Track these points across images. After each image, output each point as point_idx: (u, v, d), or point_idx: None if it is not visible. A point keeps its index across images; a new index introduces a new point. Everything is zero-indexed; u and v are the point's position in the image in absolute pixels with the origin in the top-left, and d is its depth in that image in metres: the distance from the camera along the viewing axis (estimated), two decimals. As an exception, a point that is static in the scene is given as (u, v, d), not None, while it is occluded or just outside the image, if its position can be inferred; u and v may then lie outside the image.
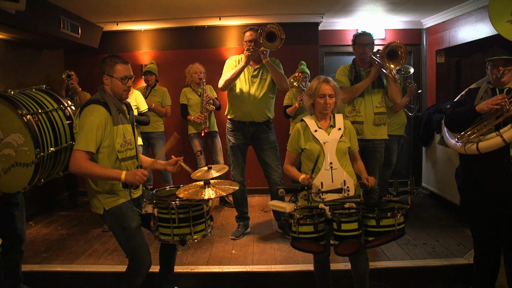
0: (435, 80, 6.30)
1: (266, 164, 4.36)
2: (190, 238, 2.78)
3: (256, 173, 5.78)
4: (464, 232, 4.39)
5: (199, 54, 6.21)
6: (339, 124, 3.03)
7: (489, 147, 2.97)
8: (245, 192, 4.53)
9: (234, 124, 4.35)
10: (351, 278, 3.46)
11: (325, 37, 6.43)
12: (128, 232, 2.82)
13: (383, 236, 2.59)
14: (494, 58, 3.04)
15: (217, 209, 5.63)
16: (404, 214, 2.59)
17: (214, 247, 4.20)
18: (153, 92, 5.54)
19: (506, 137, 2.90)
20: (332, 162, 2.91)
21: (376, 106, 4.00)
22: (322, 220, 2.60)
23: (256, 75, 4.22)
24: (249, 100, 4.20)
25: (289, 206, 2.73)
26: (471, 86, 3.37)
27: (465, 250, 3.93)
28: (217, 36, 6.32)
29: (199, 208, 2.80)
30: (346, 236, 2.56)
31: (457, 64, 6.29)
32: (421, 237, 4.31)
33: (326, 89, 2.95)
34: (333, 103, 2.98)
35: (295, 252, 3.96)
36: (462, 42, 5.51)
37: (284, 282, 3.60)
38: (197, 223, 2.80)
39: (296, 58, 5.79)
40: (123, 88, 2.82)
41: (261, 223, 4.97)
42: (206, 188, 2.76)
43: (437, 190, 5.64)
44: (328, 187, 2.89)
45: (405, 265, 3.66)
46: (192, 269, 3.68)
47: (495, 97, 2.97)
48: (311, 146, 2.98)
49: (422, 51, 6.61)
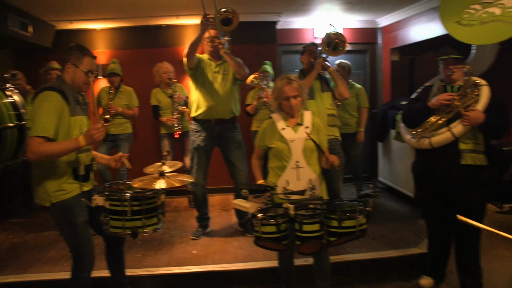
0: (390, 77, 6.48)
1: (233, 164, 4.34)
2: (142, 231, 2.74)
3: (216, 172, 5.76)
4: (418, 223, 4.55)
5: (157, 53, 6.11)
6: (307, 122, 3.03)
7: (441, 141, 3.12)
8: (206, 194, 4.50)
9: (199, 124, 4.28)
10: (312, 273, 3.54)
11: (283, 36, 6.48)
12: (74, 227, 2.73)
13: (345, 237, 2.66)
14: (445, 57, 3.19)
15: (184, 210, 5.57)
16: (367, 215, 2.67)
17: (174, 248, 4.15)
18: (119, 94, 5.32)
19: (456, 131, 3.06)
20: (299, 160, 2.93)
21: (328, 108, 4.06)
22: (285, 220, 2.64)
23: (218, 71, 4.21)
24: (213, 96, 4.16)
25: (253, 206, 2.75)
26: (426, 83, 3.50)
27: (419, 240, 4.07)
28: (176, 35, 6.25)
29: (153, 201, 2.77)
30: (307, 237, 2.61)
31: (410, 62, 6.49)
32: (378, 230, 4.43)
33: (290, 90, 2.95)
34: (299, 103, 2.98)
35: (257, 250, 3.94)
36: (415, 41, 5.71)
37: (246, 280, 3.61)
38: (150, 216, 2.77)
39: (255, 57, 5.79)
40: (85, 81, 2.77)
41: (221, 222, 4.95)
42: (161, 179, 2.76)
43: (393, 184, 5.83)
44: (294, 185, 2.91)
45: (363, 258, 3.75)
46: (152, 271, 3.62)
47: (445, 94, 3.14)
48: (278, 145, 2.98)
49: (377, 50, 6.78)
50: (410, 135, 3.36)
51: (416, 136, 3.27)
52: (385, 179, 6.09)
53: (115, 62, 5.39)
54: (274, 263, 3.44)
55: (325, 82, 4.12)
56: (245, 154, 4.36)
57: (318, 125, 3.08)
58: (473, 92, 3.08)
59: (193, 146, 4.32)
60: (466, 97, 3.09)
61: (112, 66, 5.32)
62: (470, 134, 3.08)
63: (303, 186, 2.91)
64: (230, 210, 5.27)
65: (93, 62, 2.82)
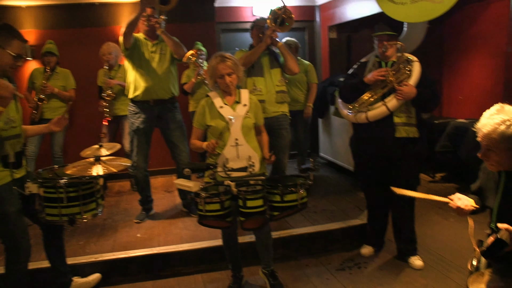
0: (328, 54, 6.60)
1: (174, 145, 4.26)
2: (80, 218, 2.67)
3: (158, 153, 5.65)
4: (358, 196, 4.72)
5: (91, 33, 5.80)
6: (244, 100, 3.05)
7: (376, 115, 3.25)
8: (148, 176, 4.40)
9: (138, 106, 4.15)
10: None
11: (221, 14, 6.36)
12: (6, 217, 2.60)
13: (288, 210, 2.73)
14: (379, 33, 3.30)
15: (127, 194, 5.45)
16: (307, 189, 2.74)
17: (118, 233, 4.06)
18: (55, 75, 5.01)
19: (390, 106, 3.19)
20: (238, 138, 2.94)
21: (276, 84, 4.06)
22: (228, 198, 2.67)
23: (155, 51, 4.08)
24: (151, 76, 4.03)
25: (195, 185, 2.74)
26: (362, 60, 3.60)
27: (359, 212, 4.24)
28: (111, 13, 5.92)
29: (90, 186, 2.69)
30: (251, 212, 2.65)
31: (347, 40, 6.64)
32: (320, 204, 4.56)
33: (223, 68, 2.93)
34: (234, 80, 2.97)
35: (201, 229, 3.97)
36: (352, 18, 5.84)
37: (192, 260, 3.61)
38: (88, 202, 2.69)
39: (192, 36, 5.63)
40: (12, 65, 2.59)
41: (165, 204, 4.89)
42: (96, 164, 2.67)
43: (333, 158, 6.00)
44: (233, 162, 2.92)
45: (307, 231, 3.85)
46: (96, 258, 3.52)
47: (379, 69, 3.25)
48: (217, 123, 2.97)
49: (315, 27, 6.86)
50: (347, 110, 3.47)
51: (353, 111, 3.39)
52: (326, 154, 6.25)
53: (51, 42, 5.09)
54: (219, 242, 3.46)
55: (274, 57, 4.09)
56: (185, 134, 4.30)
57: (255, 103, 3.11)
58: (406, 68, 3.22)
59: (132, 128, 4.19)
60: (399, 72, 3.22)
61: (48, 46, 5.02)
62: (404, 108, 3.23)
63: (242, 163, 2.94)
64: (174, 191, 5.22)
65: (23, 47, 2.64)
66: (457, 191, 2.14)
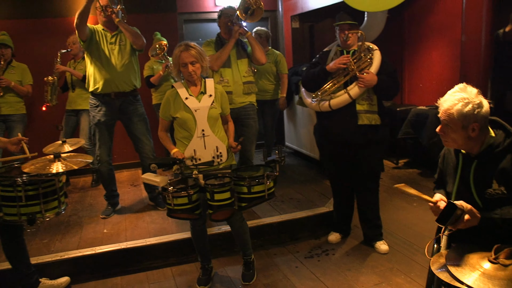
0: (291, 44, 6.63)
1: (137, 138, 4.20)
2: (41, 216, 2.60)
3: (122, 147, 5.57)
4: (324, 184, 4.80)
5: (49, 24, 5.60)
6: (210, 90, 3.02)
7: (339, 103, 3.30)
8: (112, 170, 4.32)
9: (98, 99, 4.05)
10: (225, 240, 3.61)
11: (183, 5, 6.28)
12: None
13: (255, 201, 2.77)
14: (341, 23, 3.35)
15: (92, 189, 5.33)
16: (274, 180, 2.78)
17: (84, 230, 3.98)
18: (11, 69, 4.80)
19: (352, 93, 3.25)
20: (204, 129, 2.94)
21: (243, 75, 4.03)
22: (196, 191, 2.69)
23: (114, 42, 3.98)
24: (111, 69, 3.94)
25: (163, 180, 2.72)
26: (324, 49, 3.63)
27: (326, 199, 4.31)
28: (69, 3, 5.69)
29: (51, 184, 2.61)
30: (219, 205, 2.68)
31: (310, 29, 6.69)
32: (287, 193, 4.61)
33: (186, 57, 2.90)
34: (197, 69, 2.94)
35: (169, 223, 3.96)
36: (314, 8, 5.88)
37: (161, 253, 3.58)
38: (49, 200, 2.62)
39: (153, 27, 5.52)
40: None
41: (131, 198, 4.83)
42: (56, 162, 2.59)
43: (299, 147, 6.07)
44: (201, 153, 2.93)
45: (275, 221, 3.88)
46: (62, 256, 3.43)
47: (341, 58, 3.30)
48: (182, 115, 2.95)
49: (278, 17, 6.87)
50: (310, 99, 3.51)
51: (316, 99, 3.43)
52: (292, 143, 6.31)
53: (4, 34, 4.87)
54: (187, 235, 3.46)
55: (241, 47, 4.05)
56: (148, 126, 4.25)
57: (221, 92, 3.10)
58: (367, 56, 3.28)
59: (93, 122, 4.10)
60: (361, 60, 3.28)
61: (1, 38, 4.81)
62: (365, 96, 3.30)
63: (210, 154, 2.95)
64: (140, 185, 5.16)
65: None
66: (420, 176, 2.21)
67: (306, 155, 5.84)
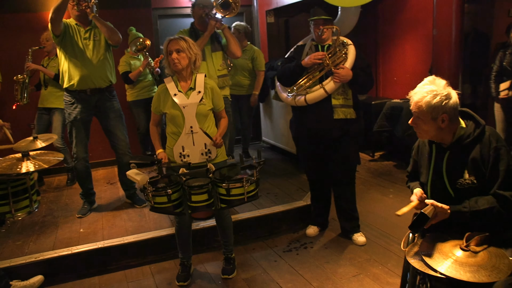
0: (266, 39, 6.63)
1: (112, 134, 4.14)
2: (11, 216, 2.53)
3: (98, 145, 5.48)
4: (301, 177, 4.83)
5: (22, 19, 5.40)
6: (199, 86, 2.97)
7: (315, 98, 3.32)
8: (89, 168, 4.26)
9: (73, 96, 3.96)
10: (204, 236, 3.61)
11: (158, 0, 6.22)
12: None
13: (234, 203, 2.77)
14: (315, 18, 3.36)
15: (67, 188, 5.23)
16: (255, 182, 2.76)
17: (59, 229, 3.91)
18: None
19: (328, 88, 3.27)
20: (192, 126, 2.92)
21: (218, 69, 4.02)
22: (177, 189, 2.69)
23: (88, 37, 3.90)
24: (86, 64, 3.86)
25: (143, 179, 2.70)
26: (298, 43, 3.65)
27: (303, 193, 4.34)
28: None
29: (20, 183, 2.53)
30: (197, 206, 2.70)
31: (285, 24, 6.70)
32: (265, 188, 4.61)
33: (172, 45, 2.87)
34: (182, 59, 2.88)
35: (146, 220, 3.94)
36: (288, 3, 5.88)
37: (139, 252, 3.55)
38: (19, 199, 2.54)
39: (127, 23, 5.42)
40: None
41: (108, 196, 4.77)
42: (25, 160, 2.50)
43: (276, 142, 6.09)
44: (189, 150, 2.94)
45: (253, 216, 3.89)
46: (36, 258, 3.36)
47: (316, 53, 3.32)
48: (171, 111, 2.94)
49: (253, 12, 6.86)
50: (286, 93, 3.52)
51: (292, 94, 3.44)
52: (268, 138, 6.33)
53: None
54: (165, 232, 3.45)
55: (216, 40, 4.02)
56: (124, 123, 4.19)
57: (212, 88, 3.03)
58: (342, 51, 3.31)
59: (69, 119, 4.02)
60: (336, 55, 3.31)
61: None
62: (341, 90, 3.33)
63: (198, 151, 2.94)
64: (116, 183, 5.09)
65: None
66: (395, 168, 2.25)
67: (283, 149, 5.87)
